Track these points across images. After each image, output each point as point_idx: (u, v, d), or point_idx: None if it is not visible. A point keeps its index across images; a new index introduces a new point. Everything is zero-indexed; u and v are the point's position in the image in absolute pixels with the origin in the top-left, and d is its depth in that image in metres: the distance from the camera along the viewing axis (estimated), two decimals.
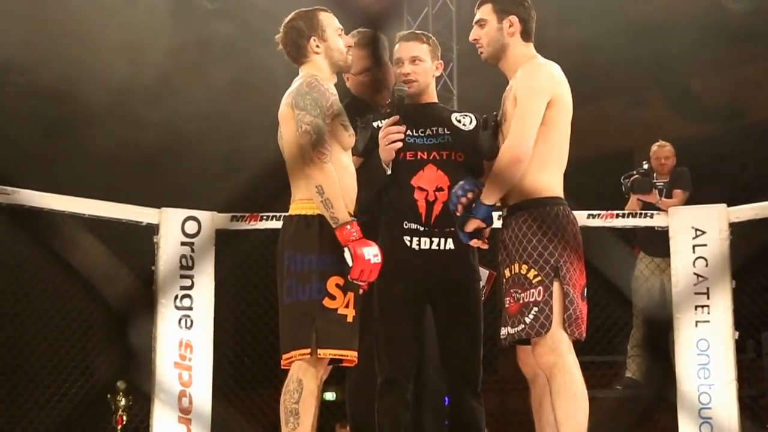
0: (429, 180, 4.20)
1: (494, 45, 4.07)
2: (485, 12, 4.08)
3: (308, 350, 3.81)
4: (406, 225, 4.19)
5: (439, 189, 4.19)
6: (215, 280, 6.98)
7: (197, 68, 11.75)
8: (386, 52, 4.60)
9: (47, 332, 8.11)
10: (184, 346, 6.90)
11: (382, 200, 4.28)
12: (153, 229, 7.00)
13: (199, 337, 6.93)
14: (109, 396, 7.60)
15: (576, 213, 6.59)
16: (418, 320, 4.24)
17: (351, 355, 3.91)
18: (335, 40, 4.12)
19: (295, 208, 3.97)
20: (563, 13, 11.47)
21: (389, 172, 4.17)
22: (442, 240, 4.19)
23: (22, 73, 11.37)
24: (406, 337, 4.18)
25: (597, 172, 7.95)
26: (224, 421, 7.31)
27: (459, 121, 4.35)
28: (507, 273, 3.90)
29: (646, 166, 7.72)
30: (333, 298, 3.85)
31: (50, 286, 8.00)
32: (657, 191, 7.62)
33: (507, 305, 3.88)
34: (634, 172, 7.67)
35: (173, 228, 6.94)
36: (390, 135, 4.13)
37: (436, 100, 4.49)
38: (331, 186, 3.81)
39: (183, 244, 6.75)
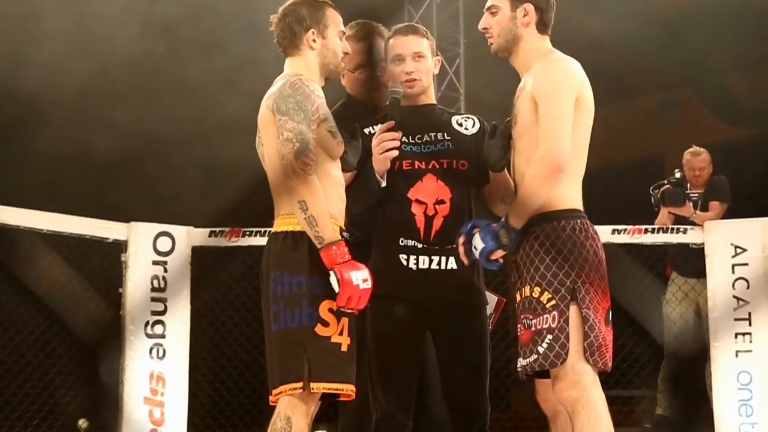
0: (428, 192, 4.16)
1: (506, 36, 4.00)
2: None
3: (300, 384, 3.77)
4: (402, 242, 4.16)
5: (439, 201, 4.16)
6: (191, 304, 6.98)
7: (170, 65, 11.78)
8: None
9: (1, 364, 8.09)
10: (155, 379, 6.89)
11: (377, 214, 4.26)
12: (121, 246, 6.99)
13: (173, 368, 6.92)
14: None
15: (598, 228, 6.58)
16: (417, 348, 4.21)
17: (347, 389, 3.86)
18: (334, 41, 4.08)
19: (281, 224, 3.93)
20: (583, 1, 11.51)
21: (384, 183, 4.13)
22: (443, 258, 4.15)
23: None
24: (404, 367, 4.16)
25: (622, 182, 7.98)
26: None
27: (460, 125, 4.32)
28: (518, 297, 3.86)
29: (678, 175, 7.70)
30: (326, 324, 3.80)
31: (3, 311, 7.97)
32: (691, 203, 7.61)
33: (519, 333, 3.84)
34: (665, 181, 7.65)
35: (144, 245, 6.94)
36: (384, 142, 4.08)
37: (434, 102, 4.48)
38: (316, 201, 3.78)
39: (155, 263, 6.74)
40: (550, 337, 3.68)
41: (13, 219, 6.51)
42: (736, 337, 6.61)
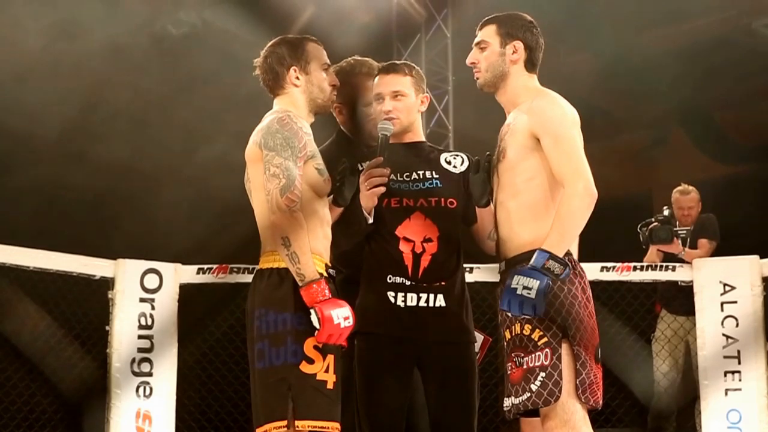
0: (416, 230, 4.16)
1: (493, 71, 4.01)
2: (488, 33, 4.02)
3: (284, 423, 3.77)
4: (390, 279, 4.15)
5: (427, 239, 4.15)
6: (178, 342, 6.97)
7: (159, 100, 11.79)
8: None
9: None
10: (142, 417, 6.87)
11: (364, 251, 4.25)
12: (107, 284, 6.98)
13: (160, 407, 6.90)
14: None
15: (587, 265, 6.58)
16: (405, 386, 4.18)
17: (333, 427, 3.85)
18: (318, 76, 4.11)
19: (267, 261, 3.94)
20: (571, 36, 11.55)
21: (371, 220, 4.12)
22: (431, 296, 4.14)
23: None
24: (391, 405, 4.14)
25: (610, 219, 7.94)
26: None
27: (449, 163, 4.33)
28: (508, 335, 3.83)
29: (666, 212, 7.73)
30: (311, 361, 3.80)
31: None
32: (680, 241, 7.64)
33: (509, 372, 3.80)
34: (653, 219, 7.68)
35: (131, 282, 6.93)
36: (372, 179, 4.08)
37: (423, 139, 4.46)
38: (300, 238, 3.78)
39: (142, 300, 6.73)
40: (542, 374, 3.65)
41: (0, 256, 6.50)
42: (725, 375, 6.61)
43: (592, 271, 6.96)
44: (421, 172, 4.26)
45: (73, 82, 11.48)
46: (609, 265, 7.02)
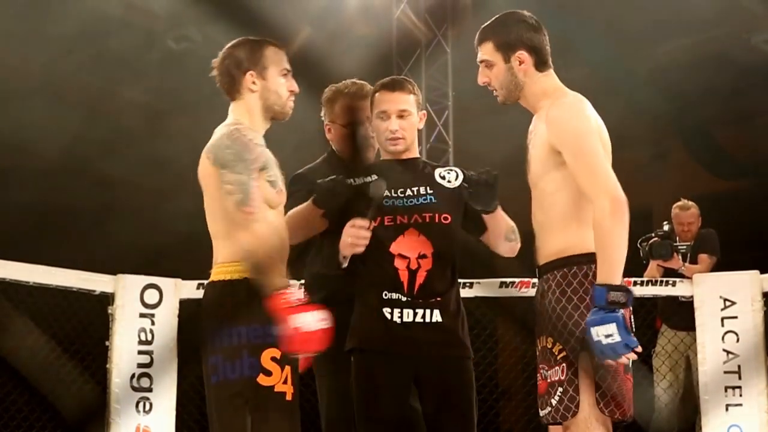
0: (410, 246, 4.13)
1: (508, 86, 3.91)
2: (488, 51, 3.93)
3: None
4: (386, 295, 4.11)
5: (422, 256, 4.12)
6: (178, 357, 6.95)
7: (157, 117, 11.81)
8: None
9: None
10: (141, 431, 6.86)
11: (358, 268, 4.18)
12: (107, 299, 6.97)
13: (159, 423, 6.90)
14: None
15: None
16: (402, 402, 4.16)
17: None
18: (275, 81, 4.04)
19: (218, 273, 3.88)
20: (571, 51, 11.56)
21: (345, 265, 4.06)
22: (428, 311, 4.10)
23: None
24: (389, 421, 4.10)
25: None
26: None
27: (443, 178, 4.28)
28: (537, 346, 3.79)
29: (666, 228, 7.72)
30: (269, 374, 3.73)
31: None
32: (680, 256, 7.62)
33: (538, 383, 3.78)
34: (653, 234, 7.67)
35: (131, 297, 6.92)
36: (356, 237, 4.00)
37: (418, 155, 4.42)
38: (262, 249, 3.74)
39: (142, 315, 6.73)
40: (560, 390, 3.61)
41: (9, 273, 6.50)
42: (726, 390, 6.60)
43: None
44: (415, 189, 4.22)
45: (75, 98, 11.50)
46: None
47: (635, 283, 7.19)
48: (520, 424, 12.20)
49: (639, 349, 3.47)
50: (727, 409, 6.59)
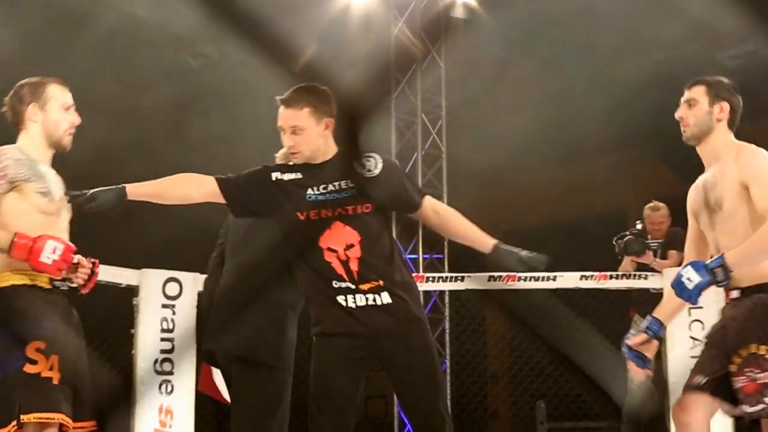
0: (337, 238, 4.09)
1: (701, 126, 4.15)
2: (698, 93, 4.18)
3: (13, 423, 3.80)
4: (336, 284, 4.08)
5: (349, 246, 4.09)
6: (197, 344, 6.97)
7: (175, 125, 11.82)
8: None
9: None
10: (164, 412, 6.87)
11: (300, 264, 4.19)
12: (133, 291, 6.99)
13: (180, 402, 6.90)
14: None
15: (568, 274, 6.65)
16: (359, 378, 4.17)
17: (58, 418, 3.87)
18: (54, 113, 4.27)
19: None
20: (557, 66, 11.58)
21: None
22: (376, 296, 4.09)
23: (4, 131, 11.42)
24: (343, 397, 4.12)
25: (589, 233, 7.99)
26: None
27: (364, 167, 4.17)
28: (743, 352, 3.93)
29: (639, 227, 7.75)
30: (34, 362, 3.84)
31: None
32: (651, 252, 7.65)
33: (742, 384, 3.91)
34: (627, 232, 7.70)
35: (154, 290, 6.93)
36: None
37: (334, 153, 4.25)
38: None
39: (164, 306, 6.73)
40: None
41: None
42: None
43: (573, 279, 6.99)
44: (336, 184, 4.14)
45: (103, 108, 11.51)
46: (588, 274, 7.03)
47: (611, 277, 7.22)
48: (506, 405, 12.24)
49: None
50: None
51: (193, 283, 6.77)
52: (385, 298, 4.09)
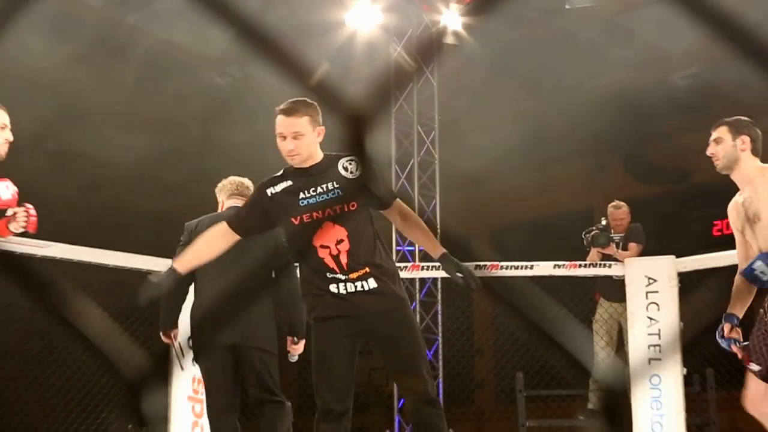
0: (328, 236, 4.08)
1: (728, 158, 4.34)
2: (722, 132, 4.37)
3: None
4: (329, 275, 4.09)
5: (339, 241, 4.08)
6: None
7: (205, 136, 11.84)
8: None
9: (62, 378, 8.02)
10: (196, 381, 6.89)
11: (298, 261, 4.26)
12: None
13: None
14: None
15: (543, 264, 6.66)
16: (353, 354, 4.18)
17: None
18: None
19: None
20: (531, 86, 11.59)
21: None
22: (364, 283, 4.09)
23: (56, 140, 11.46)
24: (344, 369, 4.12)
25: (561, 229, 8.01)
26: None
27: (347, 169, 4.13)
28: None
29: (604, 223, 7.76)
30: None
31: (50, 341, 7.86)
32: (614, 244, 7.66)
33: None
34: (594, 228, 7.71)
35: None
36: None
37: (320, 158, 4.23)
38: None
39: None
40: None
41: (90, 257, 6.55)
42: (648, 348, 6.65)
43: (548, 268, 7.02)
44: (324, 185, 4.11)
45: (144, 121, 11.53)
46: (560, 263, 7.05)
47: (580, 266, 7.24)
48: (490, 376, 12.25)
49: None
50: (649, 362, 6.63)
51: None
52: (371, 283, 4.09)
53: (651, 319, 6.86)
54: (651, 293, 6.88)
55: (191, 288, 5.48)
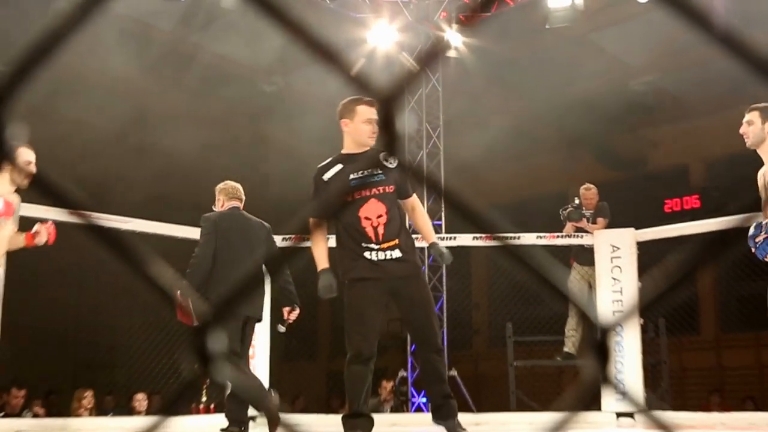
0: (372, 211, 4.12)
1: (758, 137, 4.31)
2: (754, 116, 4.33)
3: None
4: (364, 245, 4.11)
5: (379, 216, 4.12)
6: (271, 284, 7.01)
7: (256, 135, 11.84)
8: None
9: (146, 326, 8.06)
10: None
11: (339, 229, 4.21)
12: None
13: (260, 323, 6.94)
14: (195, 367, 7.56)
15: (528, 235, 6.62)
16: (381, 309, 4.19)
17: None
18: (16, 168, 4.53)
19: None
20: (516, 91, 11.55)
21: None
22: (390, 252, 4.11)
23: (134, 136, 11.48)
24: (372, 320, 4.12)
25: (542, 207, 7.99)
26: (277, 382, 7.35)
27: (387, 161, 4.16)
28: None
29: (577, 201, 7.74)
30: None
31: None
32: (585, 219, 7.65)
33: None
34: (569, 205, 7.70)
35: None
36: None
37: (368, 148, 4.27)
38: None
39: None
40: None
41: (163, 230, 6.57)
42: (613, 302, 6.64)
43: (531, 238, 7.01)
44: (370, 170, 4.16)
45: (203, 122, 11.54)
46: (542, 234, 7.04)
47: (558, 236, 7.23)
48: (485, 325, 12.28)
49: None
50: (613, 314, 6.61)
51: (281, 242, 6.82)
52: (397, 253, 4.12)
53: (615, 279, 6.84)
54: (615, 258, 6.86)
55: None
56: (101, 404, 9.26)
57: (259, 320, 5.29)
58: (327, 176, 4.21)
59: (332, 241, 4.32)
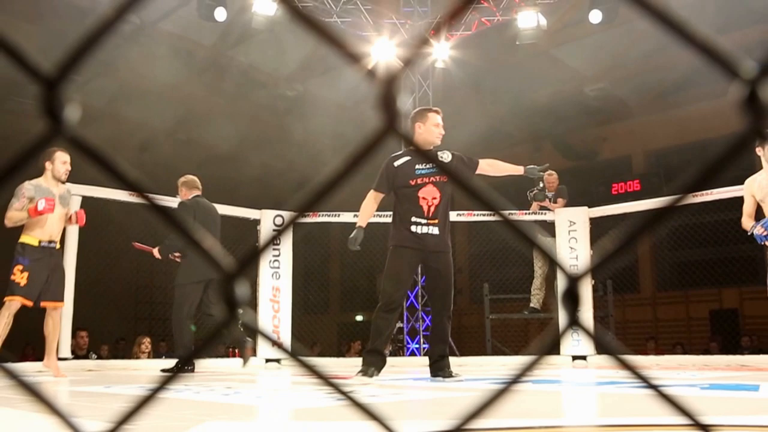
0: (428, 193, 4.15)
1: None
2: None
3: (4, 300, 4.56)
4: (414, 219, 4.13)
5: (434, 198, 4.14)
6: (293, 251, 7.01)
7: (281, 132, 11.80)
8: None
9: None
10: (274, 289, 6.94)
11: (396, 205, 4.20)
12: (257, 222, 7.03)
13: (284, 284, 6.97)
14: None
15: (501, 212, 6.58)
16: (414, 270, 4.19)
17: (11, 299, 4.53)
18: (57, 166, 4.66)
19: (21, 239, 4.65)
20: (492, 95, 11.50)
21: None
22: (432, 228, 4.12)
23: (183, 133, 11.44)
24: (405, 279, 4.12)
25: (513, 190, 7.98)
26: (297, 331, 7.36)
27: (442, 158, 4.22)
28: None
29: (541, 185, 7.72)
30: (13, 274, 4.56)
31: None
32: (548, 199, 7.63)
33: None
34: (534, 188, 7.68)
35: (268, 221, 6.98)
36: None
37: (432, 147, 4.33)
38: (13, 218, 4.56)
39: (274, 229, 6.77)
40: None
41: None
42: (570, 267, 6.64)
43: (503, 215, 7.00)
44: (429, 164, 4.14)
45: (236, 121, 11.50)
46: (513, 211, 7.03)
47: (526, 213, 7.22)
48: (466, 285, 12.29)
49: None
50: None
51: (290, 217, 6.80)
52: (435, 230, 4.13)
53: (572, 248, 6.86)
54: (572, 231, 6.87)
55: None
56: (157, 349, 9.31)
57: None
58: (397, 163, 4.22)
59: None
